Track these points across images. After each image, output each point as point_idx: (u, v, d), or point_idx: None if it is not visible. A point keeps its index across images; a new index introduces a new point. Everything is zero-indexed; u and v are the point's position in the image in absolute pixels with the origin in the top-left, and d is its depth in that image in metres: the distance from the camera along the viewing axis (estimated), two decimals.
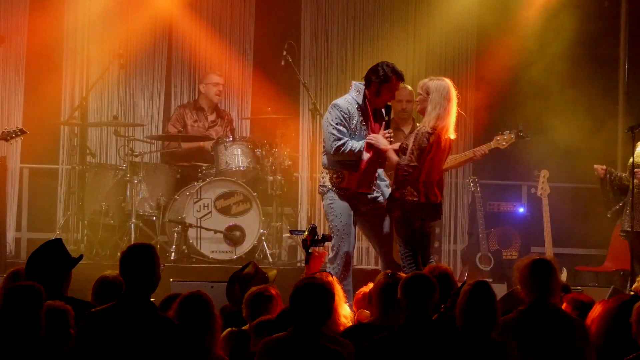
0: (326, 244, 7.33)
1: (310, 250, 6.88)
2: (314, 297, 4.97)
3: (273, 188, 10.58)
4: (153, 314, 5.04)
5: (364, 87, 8.06)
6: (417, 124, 9.04)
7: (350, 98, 8.06)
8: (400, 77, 7.98)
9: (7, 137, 9.82)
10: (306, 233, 6.96)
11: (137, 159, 10.43)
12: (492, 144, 9.07)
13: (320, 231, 7.52)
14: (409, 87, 9.82)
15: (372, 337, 5.08)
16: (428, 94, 7.80)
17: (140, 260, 5.11)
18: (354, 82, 8.18)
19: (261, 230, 10.37)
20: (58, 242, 6.00)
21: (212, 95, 11.14)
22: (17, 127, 9.97)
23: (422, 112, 7.88)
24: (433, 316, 5.27)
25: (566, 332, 5.51)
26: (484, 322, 5.20)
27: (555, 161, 11.56)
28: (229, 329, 5.70)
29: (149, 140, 11.05)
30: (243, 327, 5.79)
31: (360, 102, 8.03)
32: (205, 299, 5.24)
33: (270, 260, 10.23)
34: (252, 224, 10.33)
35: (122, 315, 5.00)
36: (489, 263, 10.90)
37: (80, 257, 5.97)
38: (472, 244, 11.20)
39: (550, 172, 11.04)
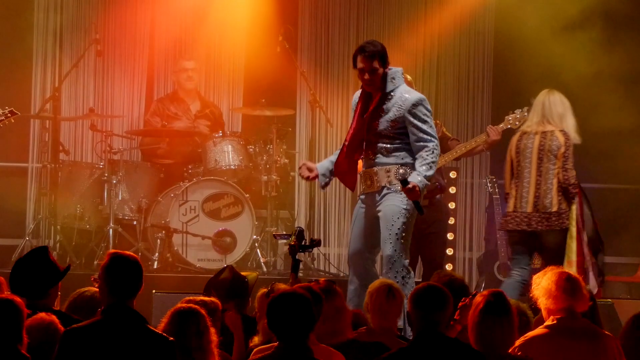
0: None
1: (297, 258, 6.79)
2: (292, 307, 4.96)
3: (267, 189, 10.58)
4: (143, 329, 5.02)
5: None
6: None
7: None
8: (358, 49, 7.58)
9: None
10: (293, 237, 6.86)
11: (116, 157, 10.43)
12: (503, 125, 9.11)
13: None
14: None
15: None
16: None
17: (129, 270, 5.10)
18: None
19: (254, 236, 10.37)
20: (43, 250, 6.02)
21: (183, 82, 11.09)
22: (6, 109, 9.68)
23: None
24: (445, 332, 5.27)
25: (597, 348, 5.52)
26: (500, 337, 5.18)
27: (584, 158, 11.50)
28: None
29: (129, 136, 11.03)
30: None
31: None
32: (197, 312, 5.24)
33: (265, 269, 10.21)
34: (243, 229, 10.32)
35: (108, 331, 4.97)
36: (508, 272, 10.86)
37: (68, 267, 5.99)
38: (489, 251, 11.20)
39: (578, 170, 10.98)
